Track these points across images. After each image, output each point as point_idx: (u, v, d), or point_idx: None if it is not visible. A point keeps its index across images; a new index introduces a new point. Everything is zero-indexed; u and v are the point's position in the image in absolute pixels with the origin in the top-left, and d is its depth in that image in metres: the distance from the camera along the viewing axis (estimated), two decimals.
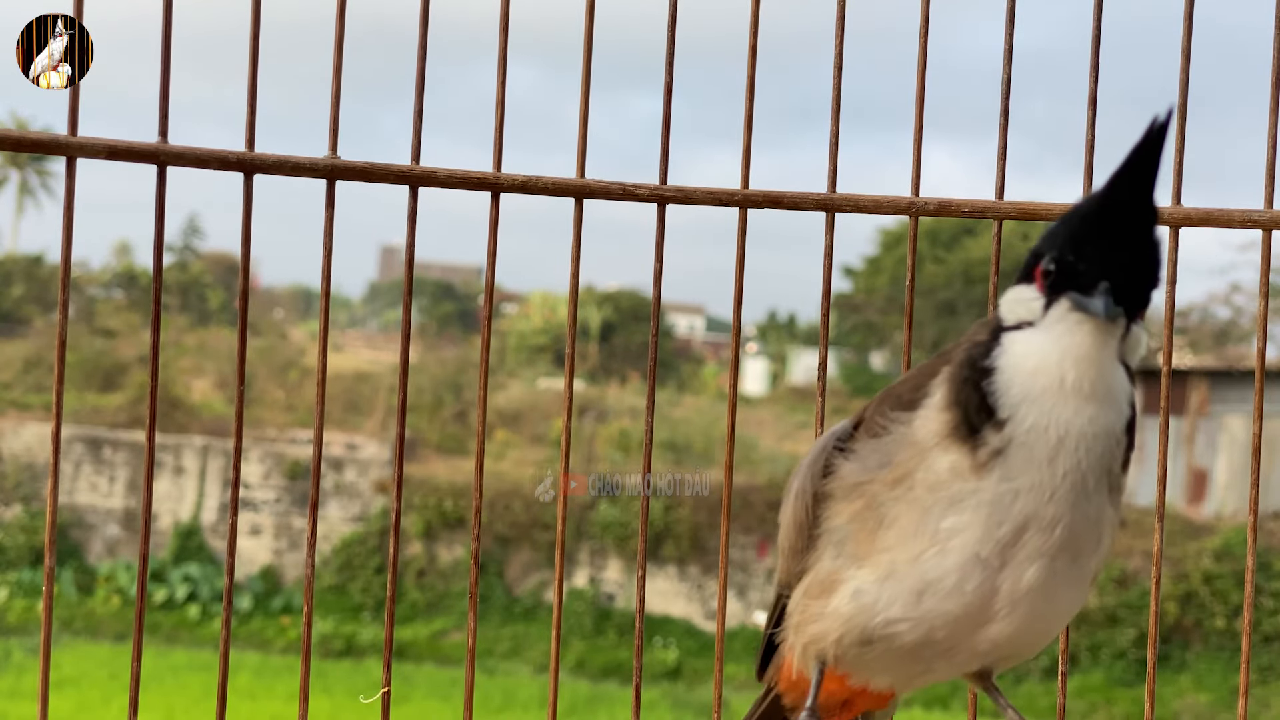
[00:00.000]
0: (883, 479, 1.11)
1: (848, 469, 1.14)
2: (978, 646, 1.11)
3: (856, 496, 1.12)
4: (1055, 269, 1.06)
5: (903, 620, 1.09)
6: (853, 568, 1.12)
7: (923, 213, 1.52)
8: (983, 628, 1.09)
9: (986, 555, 1.07)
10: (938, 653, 1.12)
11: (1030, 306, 1.08)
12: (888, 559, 1.09)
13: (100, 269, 29.86)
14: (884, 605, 1.10)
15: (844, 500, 1.13)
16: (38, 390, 22.04)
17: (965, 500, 1.06)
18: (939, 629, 1.09)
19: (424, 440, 21.21)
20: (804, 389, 26.66)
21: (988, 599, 1.08)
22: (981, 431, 1.06)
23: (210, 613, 18.88)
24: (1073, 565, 1.08)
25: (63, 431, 1.40)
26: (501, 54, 1.48)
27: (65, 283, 1.37)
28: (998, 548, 1.06)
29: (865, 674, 1.17)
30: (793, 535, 1.19)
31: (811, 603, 1.15)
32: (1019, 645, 1.12)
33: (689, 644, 18.37)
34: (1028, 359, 1.06)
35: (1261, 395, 1.51)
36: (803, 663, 1.20)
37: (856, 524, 1.12)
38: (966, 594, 1.07)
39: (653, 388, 1.53)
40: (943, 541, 1.07)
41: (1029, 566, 1.07)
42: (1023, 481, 1.05)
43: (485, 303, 1.54)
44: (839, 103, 1.50)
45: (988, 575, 1.07)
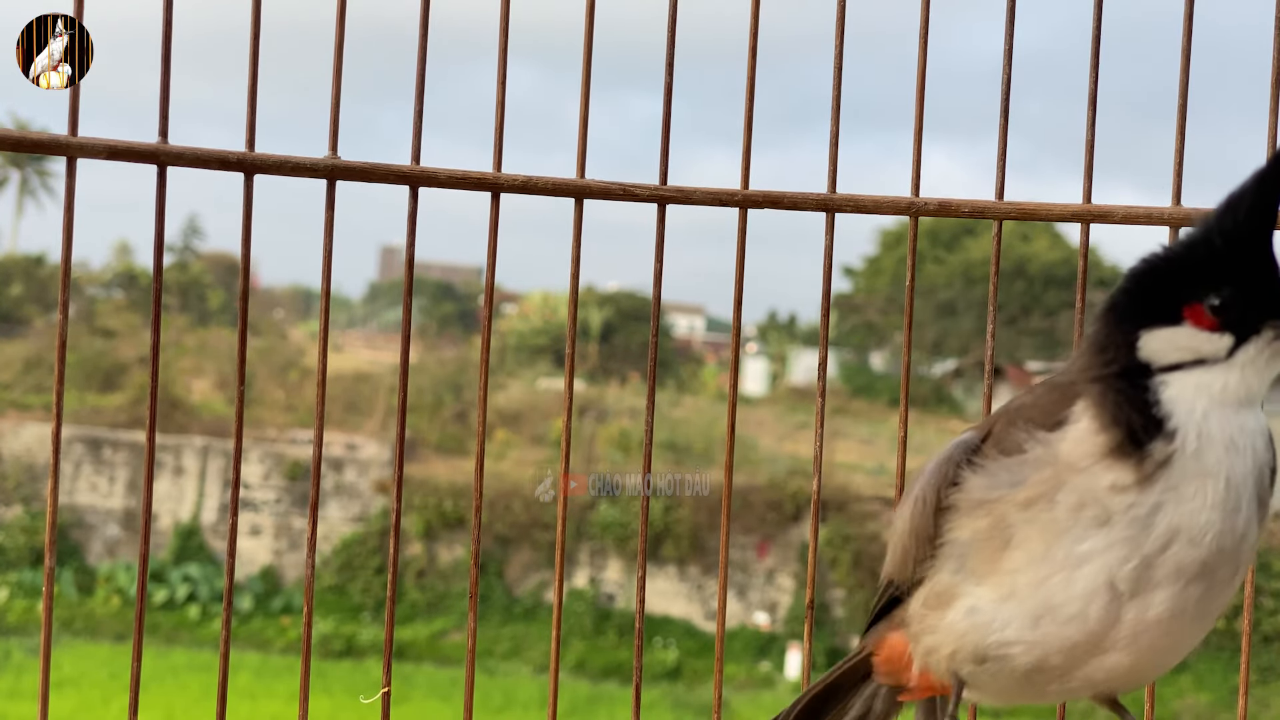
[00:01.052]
0: (1014, 498, 1.09)
1: (975, 483, 1.12)
2: (1093, 675, 1.09)
3: (983, 514, 1.10)
4: (1231, 304, 1.06)
5: (1017, 643, 1.08)
6: (972, 584, 1.11)
7: (923, 213, 1.52)
8: (1099, 657, 1.08)
9: (1120, 580, 1.05)
10: (1050, 678, 1.10)
11: (1196, 347, 1.07)
12: (1010, 580, 1.09)
13: (100, 269, 29.88)
14: (999, 626, 1.09)
15: (969, 515, 1.12)
16: (38, 390, 22.04)
17: (1116, 518, 1.05)
18: (1054, 654, 1.08)
19: (424, 440, 21.22)
20: (804, 389, 26.66)
21: (1108, 628, 1.06)
22: (1147, 445, 1.05)
23: (210, 613, 18.89)
24: (1205, 595, 1.06)
25: (63, 432, 1.40)
26: (501, 53, 1.48)
27: (65, 283, 1.37)
28: (1134, 571, 1.05)
29: (978, 690, 1.16)
30: (909, 541, 1.18)
31: (928, 614, 1.15)
32: (1136, 677, 1.11)
33: (689, 644, 18.37)
34: (1209, 387, 1.07)
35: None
36: (924, 668, 1.20)
37: (981, 541, 1.11)
38: (1089, 621, 1.06)
39: (652, 388, 1.53)
40: (1074, 566, 1.06)
41: (1160, 590, 1.05)
42: (1186, 489, 1.04)
43: (485, 303, 1.54)
44: (839, 103, 1.50)
45: (1114, 603, 1.06)
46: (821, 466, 1.52)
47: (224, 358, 23.78)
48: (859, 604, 18.45)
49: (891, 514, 1.30)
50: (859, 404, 25.29)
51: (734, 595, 18.58)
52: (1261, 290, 1.06)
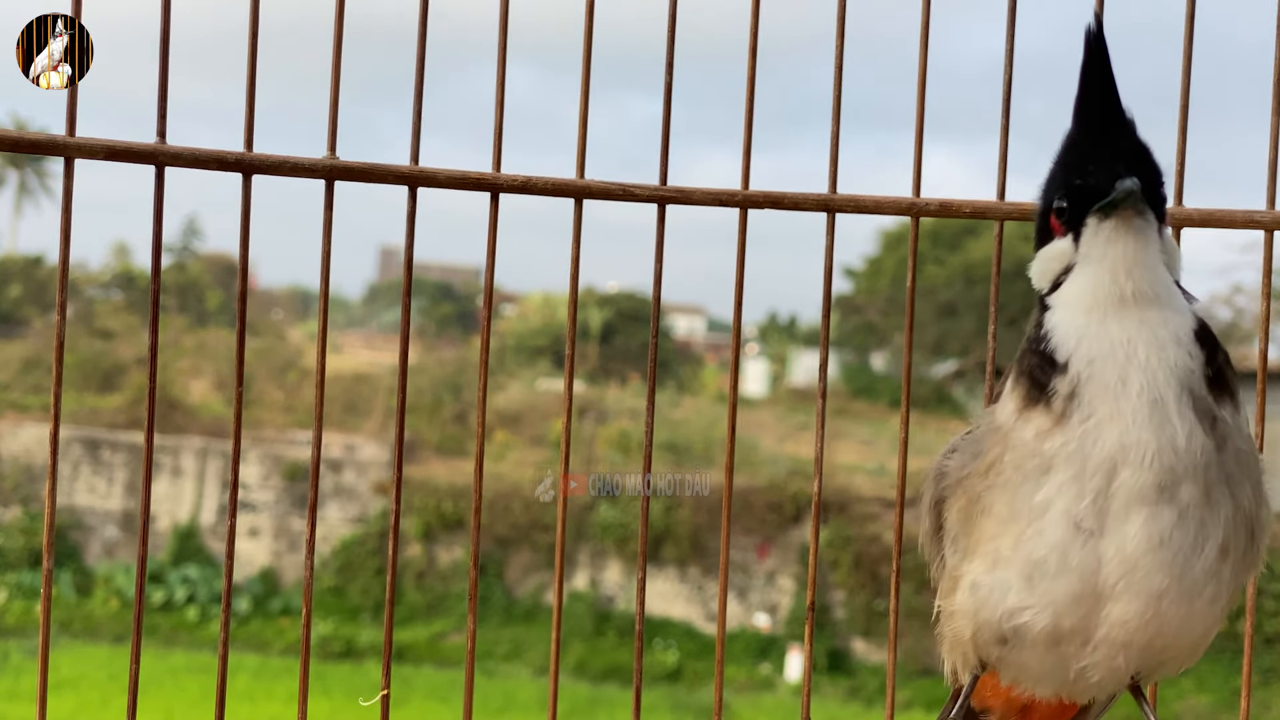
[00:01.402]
0: (977, 470, 1.12)
1: (953, 467, 1.15)
2: (1113, 635, 1.07)
3: (961, 493, 1.13)
4: (1068, 201, 1.07)
5: (1022, 608, 1.08)
6: (967, 562, 1.13)
7: (924, 213, 1.51)
8: (1105, 607, 1.06)
9: (1083, 518, 1.04)
10: (1073, 645, 1.08)
11: (1061, 253, 1.09)
12: (991, 548, 1.10)
13: (99, 270, 29.87)
14: (1000, 594, 1.09)
15: (952, 498, 1.15)
16: (36, 391, 22.04)
17: (1053, 462, 1.05)
18: (1063, 615, 1.07)
19: (423, 441, 21.21)
20: (804, 390, 26.66)
21: (1096, 570, 1.05)
22: (1050, 384, 1.06)
23: (209, 614, 18.88)
24: (1183, 519, 1.03)
25: (61, 433, 1.40)
26: (501, 53, 1.48)
27: (63, 283, 1.37)
28: (1093, 507, 1.04)
29: (1019, 677, 1.15)
30: (927, 545, 1.21)
31: (942, 602, 1.17)
32: (1158, 634, 1.07)
33: (689, 646, 18.36)
34: (1079, 297, 1.06)
35: (1263, 396, 1.51)
36: (952, 665, 1.20)
37: (962, 518, 1.13)
38: (1072, 568, 1.05)
39: (652, 389, 1.53)
40: (1038, 517, 1.06)
41: (1129, 521, 1.03)
42: (1101, 413, 1.03)
43: (485, 303, 1.53)
44: (839, 103, 1.50)
45: (1090, 543, 1.04)
46: (822, 468, 1.52)
47: (222, 358, 23.77)
48: (860, 606, 18.45)
49: (892, 515, 1.31)
50: (860, 405, 25.29)
51: (734, 597, 18.58)
52: (1084, 182, 1.06)
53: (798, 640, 18.20)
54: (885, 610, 17.36)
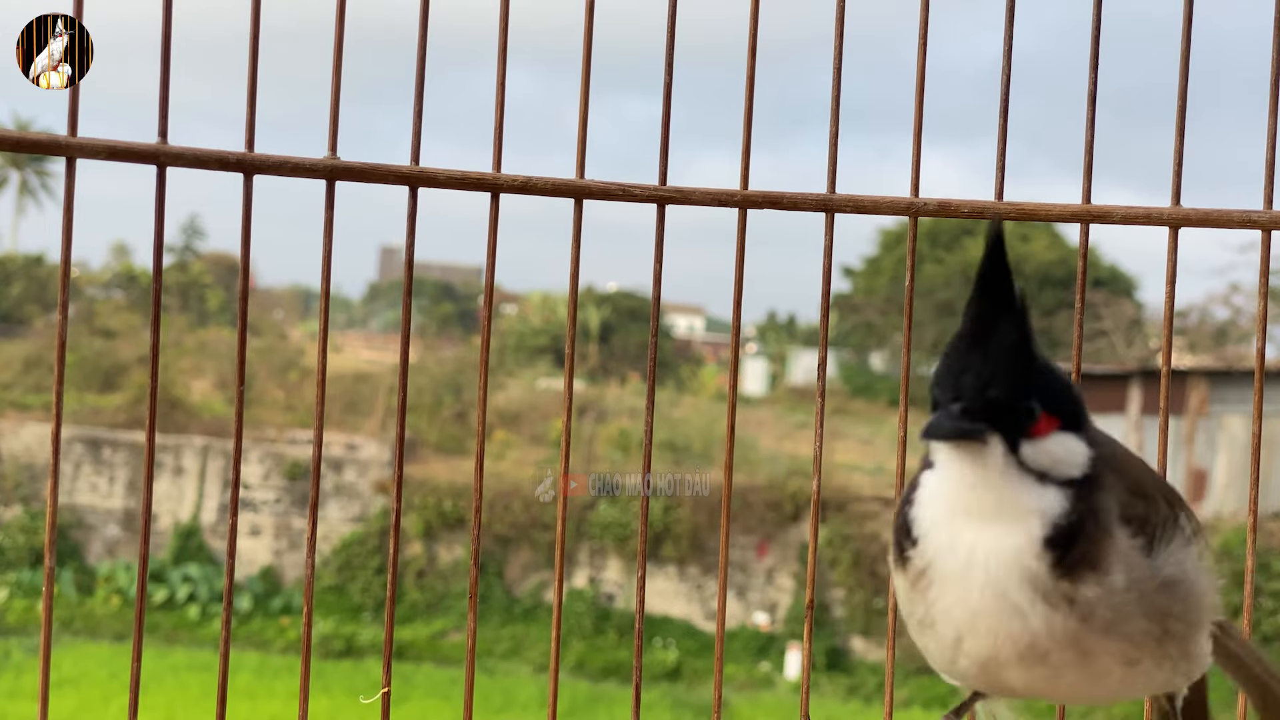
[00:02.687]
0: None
1: None
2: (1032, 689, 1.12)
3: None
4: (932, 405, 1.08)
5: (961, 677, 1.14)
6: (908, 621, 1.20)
7: (922, 213, 1.52)
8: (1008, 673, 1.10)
9: (960, 665, 1.10)
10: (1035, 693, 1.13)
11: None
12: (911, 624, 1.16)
13: (100, 269, 29.88)
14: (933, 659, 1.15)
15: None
16: (37, 390, 22.04)
17: (921, 617, 1.10)
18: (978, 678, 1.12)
19: (424, 440, 21.21)
20: (803, 389, 26.66)
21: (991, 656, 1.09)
22: (908, 553, 1.10)
23: (210, 613, 18.88)
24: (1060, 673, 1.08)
25: (62, 432, 1.40)
26: (501, 53, 1.48)
27: (65, 283, 1.37)
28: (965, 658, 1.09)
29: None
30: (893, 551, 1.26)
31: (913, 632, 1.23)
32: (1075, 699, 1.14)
33: (689, 644, 18.37)
34: (931, 492, 1.09)
35: (1261, 395, 1.51)
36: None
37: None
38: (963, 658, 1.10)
39: (652, 388, 1.53)
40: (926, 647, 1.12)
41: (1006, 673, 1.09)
42: (949, 599, 1.07)
43: (485, 303, 1.54)
44: (838, 103, 1.50)
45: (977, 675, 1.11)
46: (821, 466, 1.52)
47: (224, 358, 23.78)
48: (859, 604, 18.46)
49: (891, 514, 1.32)
50: (859, 404, 25.30)
51: (734, 595, 18.58)
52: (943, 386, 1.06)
53: (797, 638, 18.21)
54: (884, 608, 17.36)
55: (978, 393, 1.04)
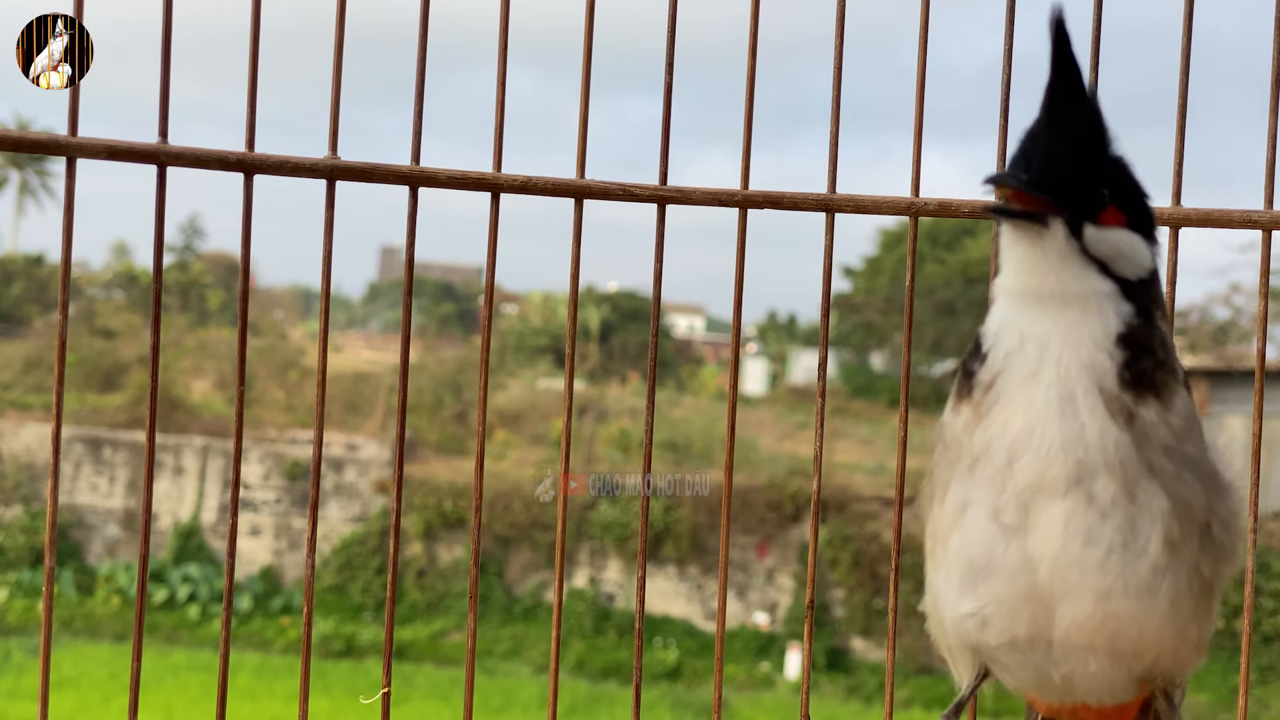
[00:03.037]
0: (928, 473, 1.12)
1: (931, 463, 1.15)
2: (1072, 638, 1.05)
3: (925, 489, 1.13)
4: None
5: (971, 614, 1.07)
6: (928, 565, 1.12)
7: (923, 213, 1.52)
8: (1054, 609, 1.04)
9: (1003, 514, 1.03)
10: (1043, 650, 1.07)
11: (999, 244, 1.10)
12: (935, 547, 1.10)
13: (100, 269, 29.87)
14: (946, 598, 1.08)
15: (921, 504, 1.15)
16: (38, 390, 22.04)
17: (976, 455, 1.05)
18: (1011, 619, 1.05)
19: (424, 440, 21.21)
20: (804, 389, 26.66)
21: (1025, 569, 1.03)
22: (976, 374, 1.06)
23: (210, 613, 18.88)
24: (1104, 516, 1.01)
25: (63, 432, 1.40)
26: (501, 53, 1.48)
27: (65, 283, 1.37)
28: (1012, 502, 1.03)
29: (1014, 684, 1.13)
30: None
31: (922, 604, 1.16)
32: (1117, 636, 1.04)
33: (689, 644, 18.36)
34: (1004, 284, 1.07)
35: (1261, 395, 1.51)
36: (956, 672, 1.18)
37: (921, 521, 1.13)
38: (1002, 567, 1.04)
39: (652, 388, 1.53)
40: (962, 514, 1.05)
41: (1046, 516, 1.02)
42: (1013, 403, 1.03)
43: (485, 303, 1.54)
44: (839, 103, 1.50)
45: (1014, 541, 1.03)
46: (821, 466, 1.52)
47: (224, 358, 23.78)
48: (859, 604, 18.45)
49: (891, 514, 1.31)
50: (859, 404, 25.29)
51: (734, 595, 18.58)
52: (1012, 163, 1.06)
53: (797, 638, 18.21)
54: (884, 609, 17.36)
55: (1046, 170, 1.03)
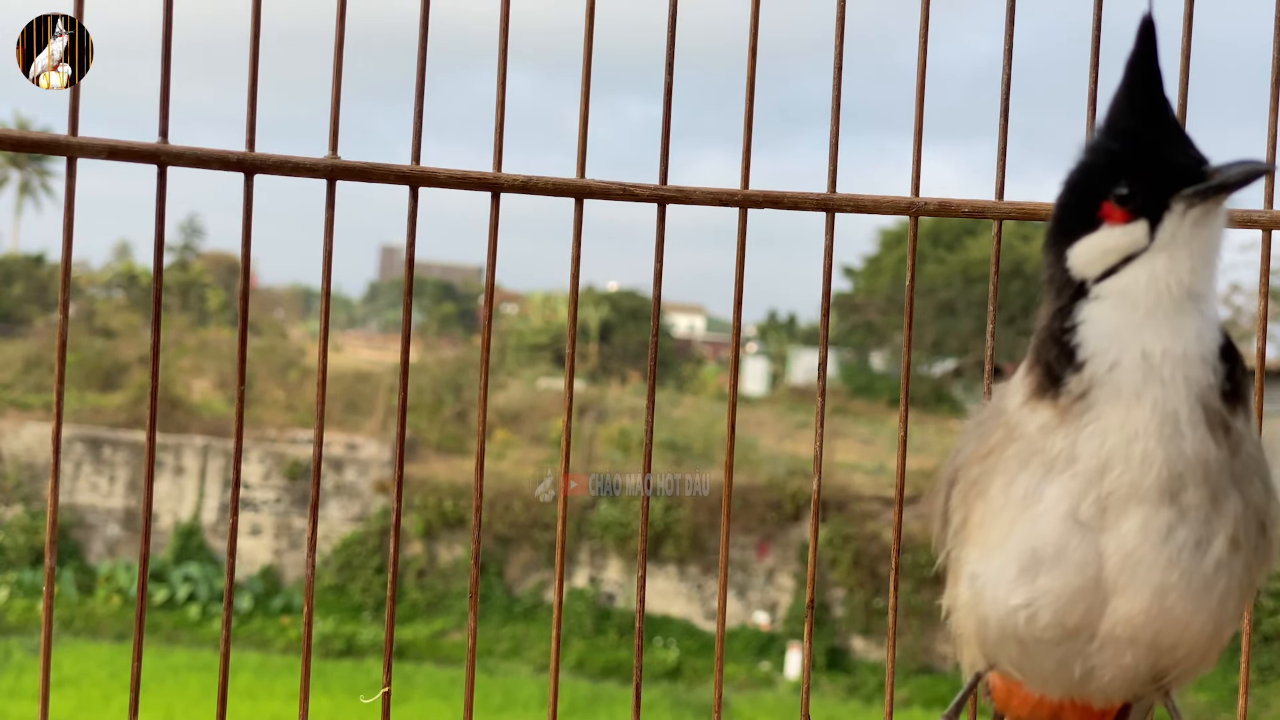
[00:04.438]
0: (978, 454, 1.09)
1: (963, 450, 1.13)
2: (1119, 631, 1.04)
3: (963, 476, 1.11)
4: (1147, 185, 1.03)
5: (1024, 605, 1.05)
6: (964, 550, 1.10)
7: (923, 213, 1.52)
8: (1111, 602, 1.03)
9: (1082, 513, 1.02)
10: (1083, 641, 1.06)
11: (1128, 241, 1.04)
12: (984, 536, 1.07)
13: (100, 269, 29.87)
14: (996, 586, 1.06)
15: (956, 483, 1.12)
16: (38, 390, 22.04)
17: (1054, 457, 1.03)
18: (1067, 609, 1.04)
19: (424, 440, 21.21)
20: (804, 389, 26.65)
21: (1094, 564, 1.02)
22: (1064, 380, 1.03)
23: (210, 613, 18.89)
24: (1183, 521, 1.01)
25: (63, 431, 1.40)
26: (501, 53, 1.48)
27: (65, 283, 1.37)
28: (1093, 505, 1.02)
29: (1025, 676, 1.12)
30: (934, 525, 1.17)
31: (947, 594, 1.14)
32: (1164, 630, 1.04)
33: (689, 644, 18.37)
34: (1135, 287, 1.03)
35: (1261, 395, 1.51)
36: (965, 664, 1.17)
37: (961, 504, 1.11)
38: (1071, 560, 1.03)
39: (652, 388, 1.53)
40: (1033, 506, 1.04)
41: (1127, 517, 1.01)
42: (1111, 419, 1.01)
43: (485, 303, 1.54)
44: (839, 103, 1.50)
45: (1088, 537, 1.02)
46: (821, 466, 1.52)
47: (224, 357, 23.78)
48: (859, 604, 18.45)
49: (891, 513, 1.30)
50: (859, 404, 25.29)
51: (734, 595, 18.58)
52: (1163, 166, 1.04)
53: (797, 638, 18.21)
54: (884, 608, 17.35)
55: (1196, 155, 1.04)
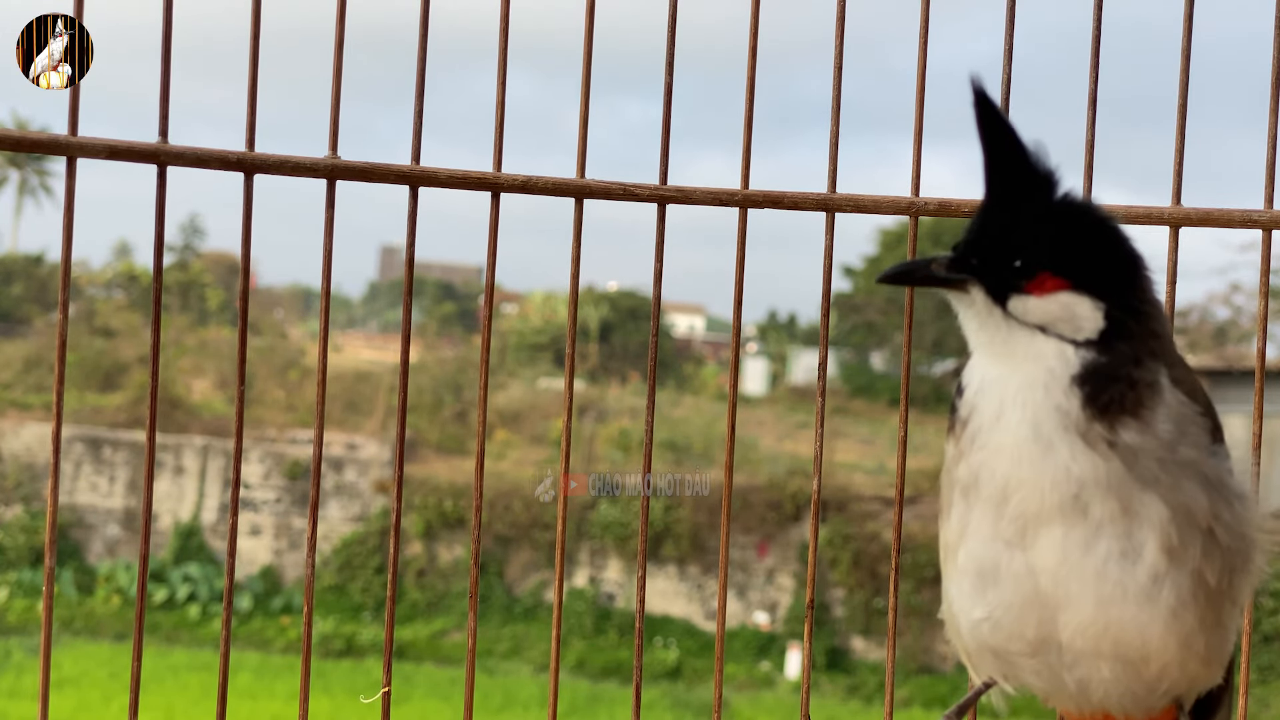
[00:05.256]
0: (943, 475, 1.15)
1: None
2: (1078, 643, 1.06)
3: (942, 497, 1.17)
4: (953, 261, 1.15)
5: (984, 619, 1.10)
6: (943, 574, 1.16)
7: (923, 213, 1.52)
8: (1058, 616, 1.06)
9: (1002, 534, 1.06)
10: (1054, 654, 1.08)
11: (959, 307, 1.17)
12: (945, 559, 1.13)
13: (100, 269, 29.87)
14: (959, 601, 1.11)
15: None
16: (38, 390, 22.04)
17: (967, 480, 1.08)
18: (1019, 621, 1.07)
19: (424, 440, 21.21)
20: (804, 389, 26.66)
21: (1032, 580, 1.06)
22: (959, 414, 1.11)
23: (210, 612, 18.89)
24: (1102, 533, 1.03)
25: (63, 431, 1.40)
26: (501, 53, 1.48)
27: (65, 283, 1.37)
28: (1009, 525, 1.06)
29: (1040, 695, 1.15)
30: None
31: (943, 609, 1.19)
32: (1121, 642, 1.05)
33: (689, 644, 18.37)
34: (978, 336, 1.13)
35: (1261, 395, 1.51)
36: (972, 673, 1.20)
37: (940, 524, 1.17)
38: (1008, 576, 1.07)
39: (653, 388, 1.53)
40: (967, 529, 1.09)
41: (1043, 537, 1.04)
42: (989, 444, 1.06)
43: (485, 303, 1.54)
44: (839, 104, 1.50)
45: (1016, 556, 1.06)
46: (821, 466, 1.52)
47: (224, 357, 23.78)
48: (859, 604, 18.45)
49: (891, 513, 1.32)
50: (859, 404, 25.29)
51: (734, 595, 18.58)
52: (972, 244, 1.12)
53: (797, 638, 18.21)
54: (884, 608, 17.34)
55: (964, 248, 1.11)
